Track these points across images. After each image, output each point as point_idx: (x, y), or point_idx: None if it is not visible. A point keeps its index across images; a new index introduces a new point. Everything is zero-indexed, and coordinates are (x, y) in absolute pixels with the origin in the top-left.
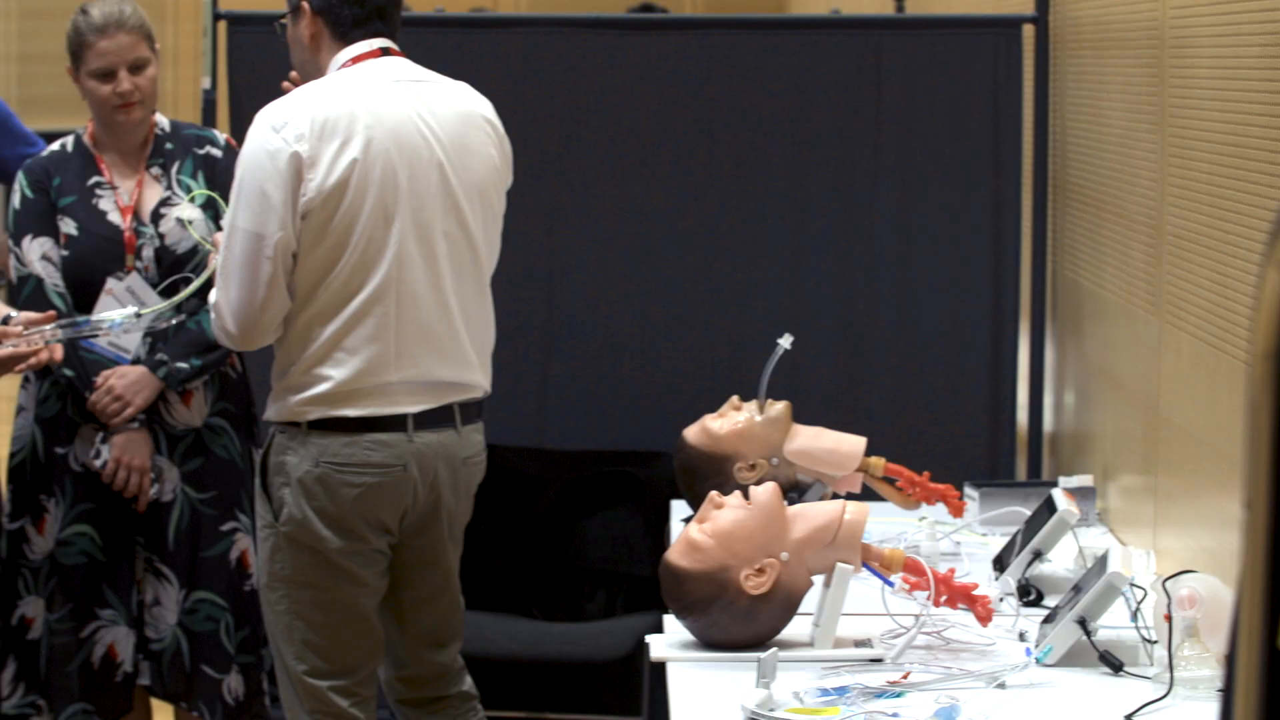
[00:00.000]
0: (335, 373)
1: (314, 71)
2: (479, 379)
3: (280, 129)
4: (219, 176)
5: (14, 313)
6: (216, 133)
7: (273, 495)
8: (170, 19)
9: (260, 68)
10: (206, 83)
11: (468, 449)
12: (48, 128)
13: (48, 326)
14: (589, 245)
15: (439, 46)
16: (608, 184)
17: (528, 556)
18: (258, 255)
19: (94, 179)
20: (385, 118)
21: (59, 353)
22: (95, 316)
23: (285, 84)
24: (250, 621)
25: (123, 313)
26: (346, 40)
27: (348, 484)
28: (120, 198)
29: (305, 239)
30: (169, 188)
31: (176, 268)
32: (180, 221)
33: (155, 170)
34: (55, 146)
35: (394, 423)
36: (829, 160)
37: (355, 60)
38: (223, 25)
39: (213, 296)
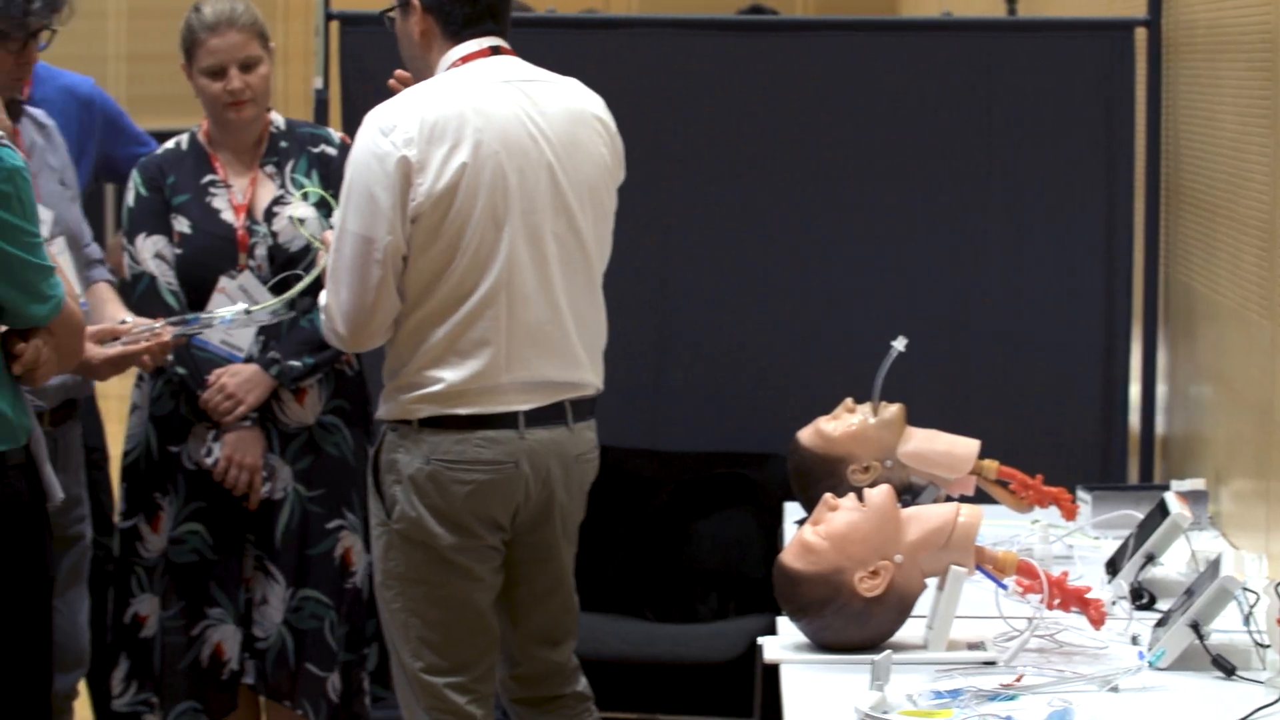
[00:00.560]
0: (447, 374)
1: (423, 68)
2: (590, 378)
3: (389, 132)
4: (333, 175)
5: (129, 316)
6: (331, 131)
7: (385, 493)
8: (281, 19)
9: (372, 67)
10: (318, 82)
11: (580, 446)
12: (157, 127)
13: (157, 324)
14: (702, 246)
15: (551, 47)
16: (719, 185)
17: (641, 558)
18: (367, 259)
19: (208, 177)
20: (494, 119)
21: (167, 335)
22: (204, 314)
23: (392, 82)
24: (352, 619)
25: (232, 309)
26: (457, 39)
27: (459, 481)
28: (234, 196)
29: (416, 242)
30: (283, 186)
31: (289, 266)
32: (292, 220)
33: (269, 168)
34: (170, 144)
35: (505, 420)
36: (940, 162)
37: (465, 59)
38: (335, 25)
39: (322, 299)
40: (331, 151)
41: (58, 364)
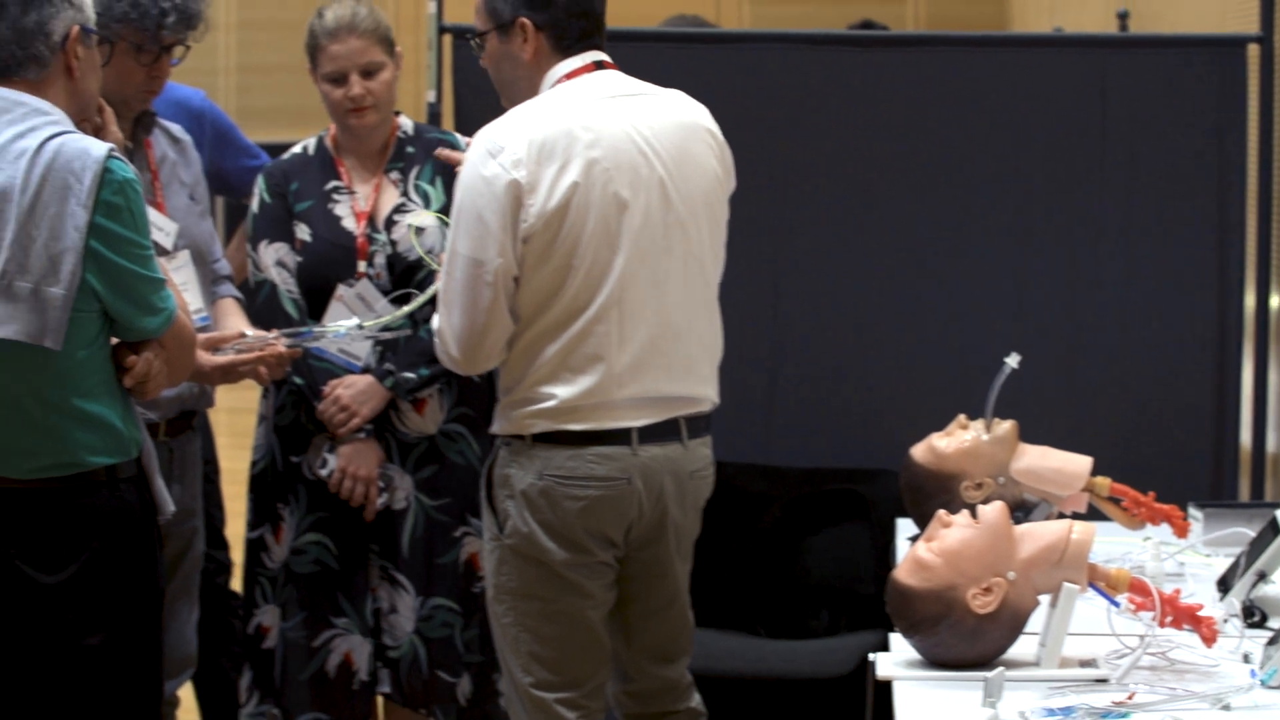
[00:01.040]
0: (560, 391)
1: (527, 89)
2: (706, 392)
3: (497, 154)
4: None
5: (251, 330)
6: (459, 136)
7: (498, 508)
8: (394, 31)
9: (484, 82)
10: (431, 96)
11: (694, 462)
12: (266, 139)
13: (270, 335)
14: (814, 261)
15: (659, 62)
16: (831, 201)
17: (753, 574)
18: (478, 281)
19: (332, 183)
20: (604, 136)
21: (281, 345)
22: (317, 327)
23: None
24: (482, 623)
25: (346, 324)
26: (566, 54)
27: (571, 497)
28: (356, 202)
29: (528, 261)
30: (405, 193)
31: (408, 276)
32: (410, 229)
33: (394, 175)
34: (297, 149)
35: (618, 436)
36: (1051, 178)
37: (569, 76)
38: (447, 38)
39: (435, 321)
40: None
41: (168, 377)
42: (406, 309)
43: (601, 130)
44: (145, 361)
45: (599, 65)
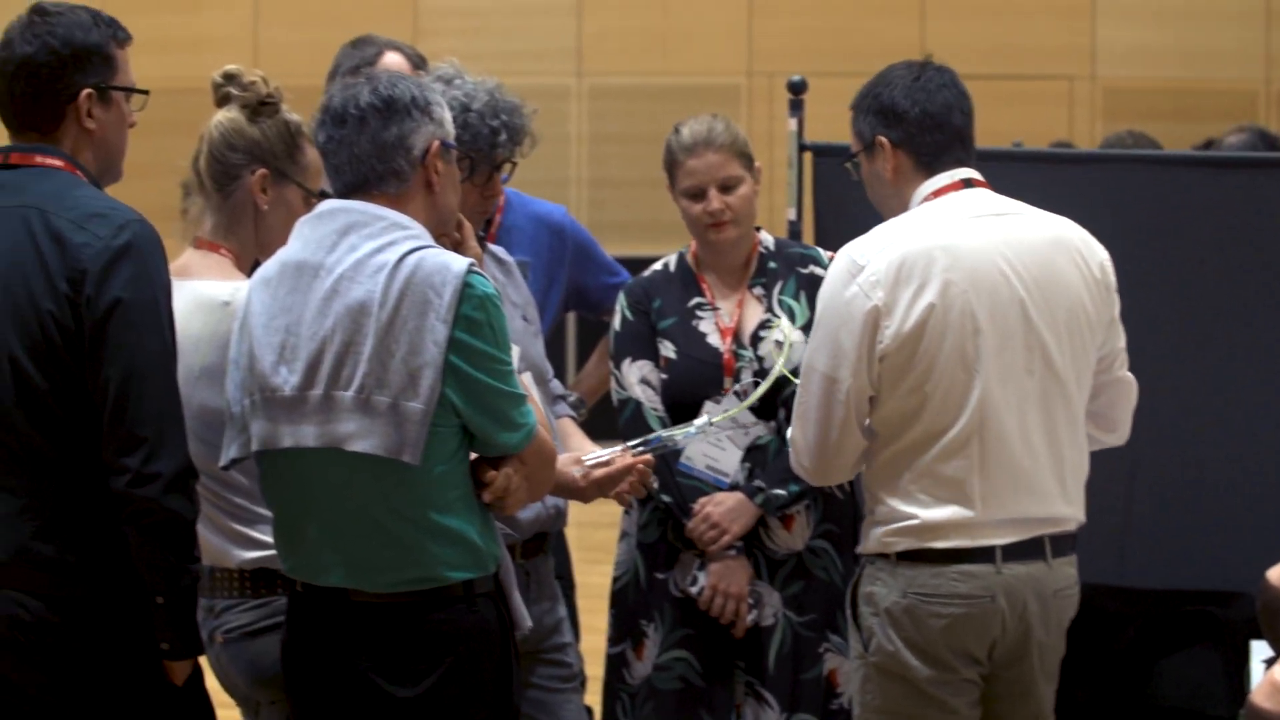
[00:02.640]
0: (922, 511)
1: (897, 206)
2: (1071, 511)
3: (857, 274)
4: None
5: (596, 450)
6: (821, 251)
7: (862, 625)
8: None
9: (845, 199)
10: (792, 214)
11: (1058, 581)
12: (618, 253)
13: (618, 448)
14: (1169, 377)
15: (1027, 179)
16: (1187, 318)
17: (1106, 695)
18: (831, 398)
19: (695, 300)
20: (963, 257)
21: (628, 458)
22: (665, 432)
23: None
24: None
25: (696, 423)
26: (930, 171)
27: (935, 614)
28: (721, 319)
29: (885, 380)
30: (769, 309)
31: (774, 391)
32: (777, 345)
33: (757, 290)
34: (657, 266)
35: (982, 554)
36: None
37: (937, 194)
38: (808, 156)
39: (790, 432)
40: (820, 272)
41: (528, 493)
42: (749, 400)
43: (963, 251)
44: (505, 477)
45: (967, 183)
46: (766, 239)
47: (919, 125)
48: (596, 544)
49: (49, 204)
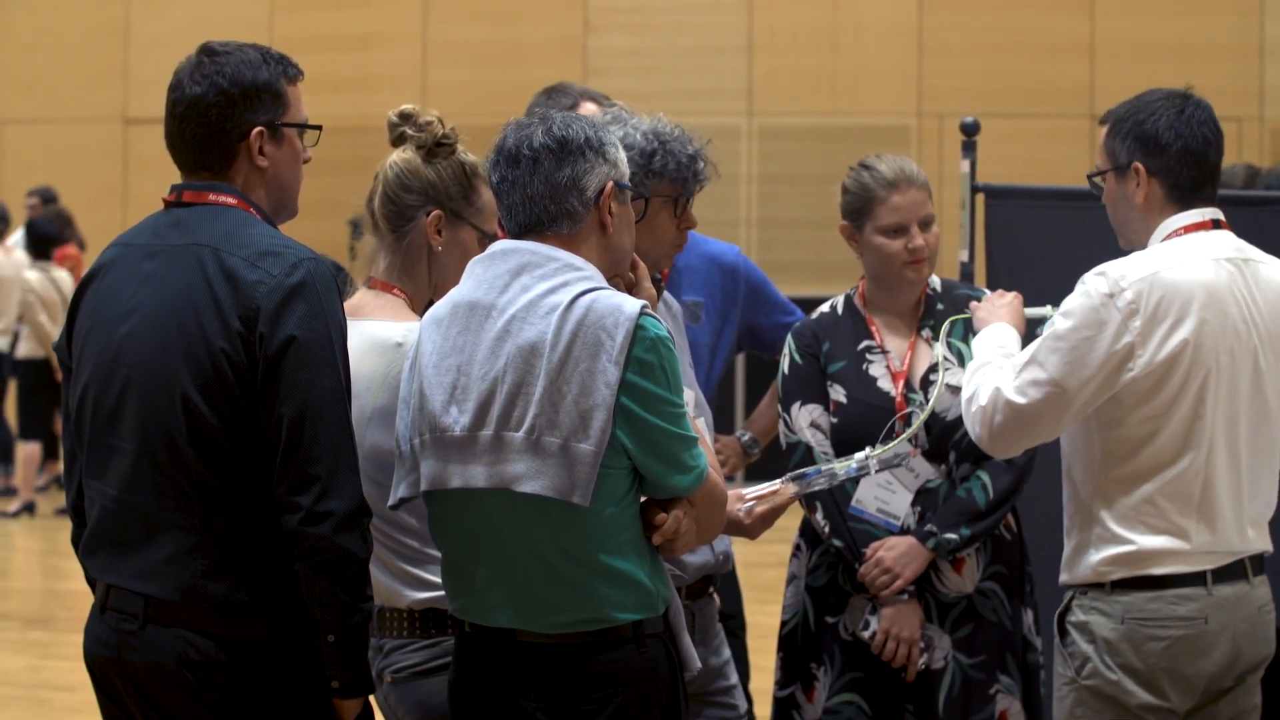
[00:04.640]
0: (1139, 539)
1: (1141, 230)
2: (1263, 546)
3: (1117, 296)
4: None
5: (747, 490)
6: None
7: (1072, 652)
8: None
9: (1019, 241)
10: (964, 255)
11: (1261, 599)
12: (786, 294)
13: (777, 482)
14: None
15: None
16: None
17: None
18: (1045, 396)
19: (865, 343)
20: (1216, 297)
21: (789, 492)
22: (825, 466)
23: None
24: None
25: (856, 457)
26: (1182, 205)
27: (1153, 638)
28: (891, 362)
29: (1124, 406)
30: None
31: (945, 436)
32: (950, 388)
33: (926, 333)
34: (825, 308)
35: (1194, 579)
36: None
37: (1186, 230)
38: (980, 197)
39: (984, 391)
40: None
41: (698, 535)
42: (909, 431)
43: (1215, 292)
44: (675, 519)
45: (1216, 224)
46: (934, 280)
47: (1179, 159)
48: (764, 584)
49: (221, 242)
